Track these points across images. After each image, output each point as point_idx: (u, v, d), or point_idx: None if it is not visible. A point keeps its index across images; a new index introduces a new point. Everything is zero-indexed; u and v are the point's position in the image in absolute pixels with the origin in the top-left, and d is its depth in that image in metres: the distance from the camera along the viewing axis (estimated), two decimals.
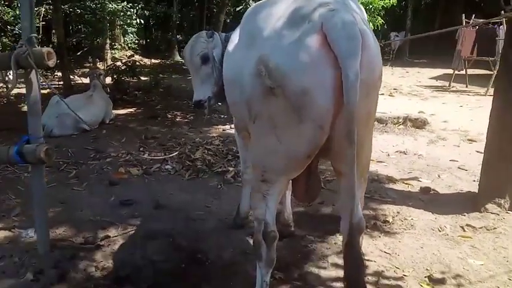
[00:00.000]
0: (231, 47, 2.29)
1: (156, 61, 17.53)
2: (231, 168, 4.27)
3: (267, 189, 1.90)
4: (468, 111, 7.73)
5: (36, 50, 2.22)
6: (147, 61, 15.49)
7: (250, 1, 6.54)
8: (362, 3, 7.63)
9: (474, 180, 4.30)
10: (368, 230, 3.16)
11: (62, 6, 10.37)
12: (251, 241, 2.95)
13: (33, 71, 2.31)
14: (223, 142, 5.27)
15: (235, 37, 2.30)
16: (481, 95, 9.72)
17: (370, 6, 8.07)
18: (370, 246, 2.90)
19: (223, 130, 6.09)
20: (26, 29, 2.26)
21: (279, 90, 1.71)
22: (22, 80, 2.43)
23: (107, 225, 3.14)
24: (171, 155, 4.39)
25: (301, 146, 1.76)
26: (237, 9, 7.38)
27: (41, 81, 2.39)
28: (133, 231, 3.09)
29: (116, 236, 3.01)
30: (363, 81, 1.60)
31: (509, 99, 3.39)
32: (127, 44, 16.59)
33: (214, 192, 3.79)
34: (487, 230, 3.19)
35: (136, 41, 17.72)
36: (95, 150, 4.93)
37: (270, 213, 1.94)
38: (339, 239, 2.96)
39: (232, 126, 6.30)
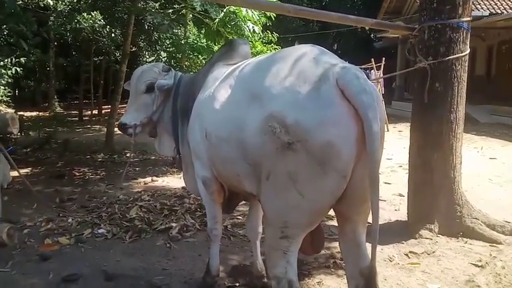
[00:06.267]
0: (215, 104, 2.26)
1: (33, 114, 16.07)
2: (173, 224, 4.06)
3: (287, 245, 1.88)
4: None
5: None
6: (21, 114, 14.00)
7: (161, 52, 6.52)
8: None
9: (396, 210, 4.77)
10: (332, 269, 3.28)
11: None
12: None
13: None
14: (152, 197, 5.00)
15: (219, 94, 2.28)
16: None
17: None
18: (342, 286, 3.00)
19: (145, 183, 5.79)
20: None
21: (298, 145, 1.75)
22: None
23: None
24: None
25: (325, 197, 1.81)
26: (149, 60, 7.31)
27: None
28: None
29: None
30: (380, 129, 1.75)
31: (425, 136, 3.91)
32: None
33: (165, 253, 3.55)
34: (428, 254, 3.55)
35: (9, 93, 16.03)
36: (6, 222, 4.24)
37: (293, 270, 1.91)
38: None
39: (154, 178, 6.09)
